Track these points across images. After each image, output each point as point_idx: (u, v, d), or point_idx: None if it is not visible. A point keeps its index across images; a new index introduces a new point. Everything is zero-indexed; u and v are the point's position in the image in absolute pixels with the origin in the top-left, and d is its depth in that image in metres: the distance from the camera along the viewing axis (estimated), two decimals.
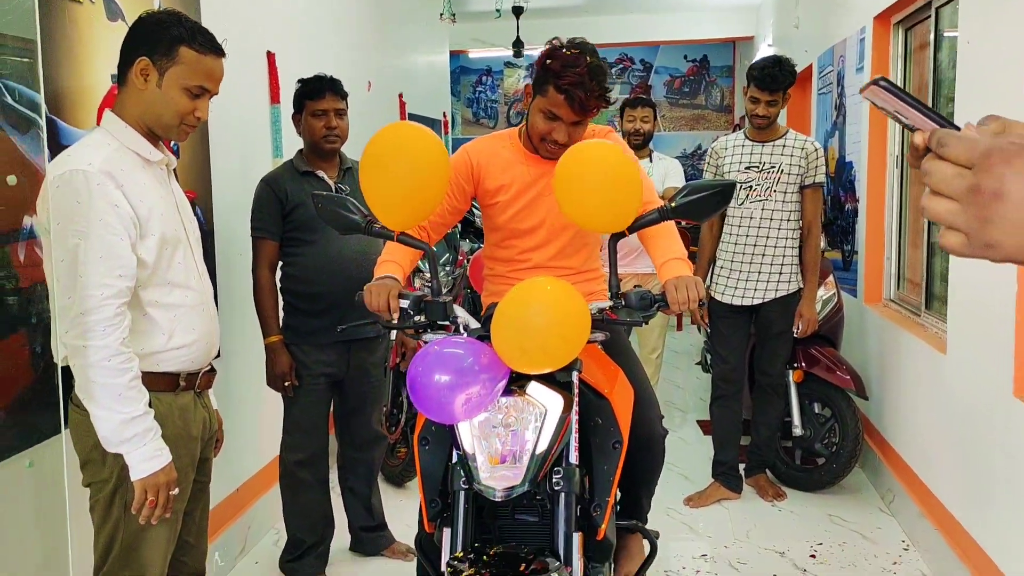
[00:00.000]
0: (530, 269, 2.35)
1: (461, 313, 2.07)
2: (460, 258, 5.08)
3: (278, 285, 2.95)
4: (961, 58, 2.88)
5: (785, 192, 3.52)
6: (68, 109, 2.20)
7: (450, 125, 7.46)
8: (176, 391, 1.92)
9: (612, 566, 2.30)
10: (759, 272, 3.55)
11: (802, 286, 3.56)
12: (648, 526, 2.44)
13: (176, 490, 1.85)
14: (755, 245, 3.54)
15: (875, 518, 3.50)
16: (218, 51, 1.96)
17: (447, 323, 2.05)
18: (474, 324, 2.07)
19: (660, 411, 2.46)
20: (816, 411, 3.80)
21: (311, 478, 3.00)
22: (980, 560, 2.62)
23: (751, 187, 3.55)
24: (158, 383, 1.87)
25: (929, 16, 3.50)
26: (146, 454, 1.79)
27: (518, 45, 8.52)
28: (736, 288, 3.58)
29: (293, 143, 3.53)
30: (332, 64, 4.02)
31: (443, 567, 1.95)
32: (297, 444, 2.97)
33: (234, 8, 3.16)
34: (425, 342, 2.03)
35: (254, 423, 3.38)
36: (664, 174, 4.28)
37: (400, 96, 5.64)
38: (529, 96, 2.29)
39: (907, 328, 3.52)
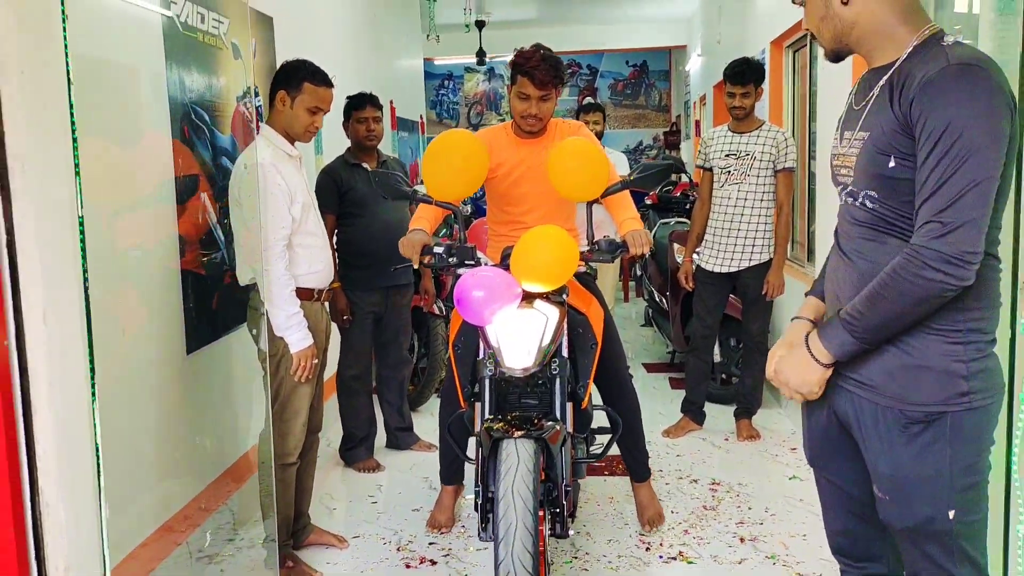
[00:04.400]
0: (524, 229, 2.82)
1: (481, 255, 2.84)
2: (455, 233, 6.18)
3: (334, 247, 4.01)
4: (820, 75, 4.09)
5: (758, 176, 4.08)
6: (216, 120, 3.27)
7: (424, 127, 8.53)
8: (312, 301, 3.00)
9: (588, 440, 3.05)
10: (734, 244, 4.15)
11: (773, 256, 4.16)
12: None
13: (316, 360, 2.93)
14: (731, 221, 4.14)
15: (774, 417, 4.70)
16: (329, 84, 3.04)
17: (473, 262, 2.77)
18: (492, 263, 2.87)
19: (625, 361, 3.34)
20: (732, 344, 4.98)
21: (361, 388, 4.08)
22: None
23: (729, 172, 4.15)
24: (303, 295, 2.93)
25: (806, 44, 4.72)
26: (299, 337, 2.87)
27: (481, 54, 9.64)
28: (715, 257, 4.22)
29: (331, 142, 4.60)
30: (350, 79, 5.10)
31: (477, 428, 2.68)
32: (351, 363, 4.05)
33: (299, 41, 4.22)
34: (459, 275, 2.69)
35: None
36: (614, 164, 5.42)
37: (391, 102, 6.71)
38: (511, 92, 3.01)
39: (796, 277, 4.72)
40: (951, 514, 1.56)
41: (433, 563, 3.09)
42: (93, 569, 1.82)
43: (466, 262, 2.77)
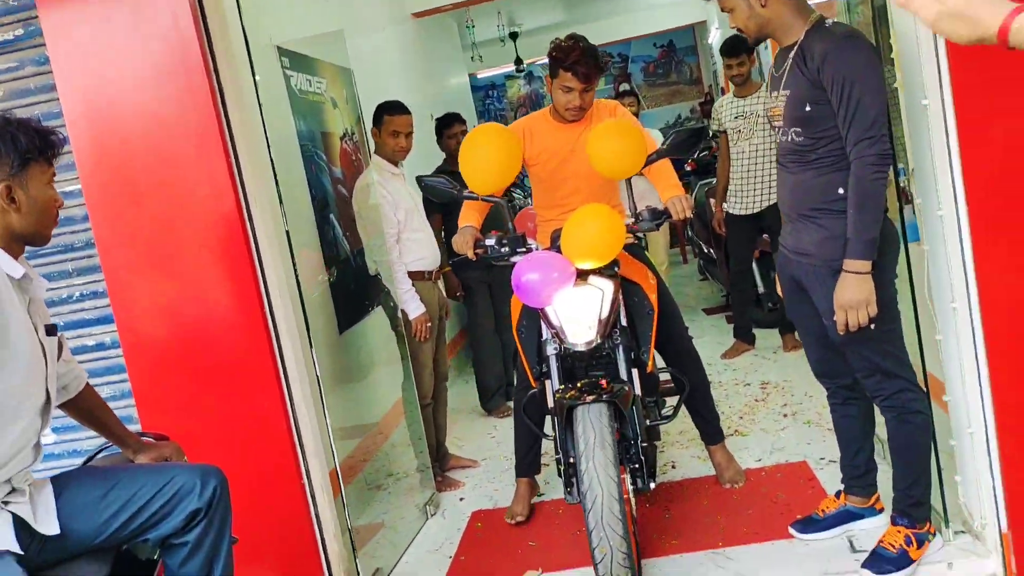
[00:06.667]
0: (571, 211, 2.89)
1: (531, 242, 2.97)
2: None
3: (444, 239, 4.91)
4: None
5: (764, 130, 4.73)
6: (330, 157, 4.25)
7: None
8: (422, 280, 3.94)
9: (659, 403, 3.22)
10: (753, 189, 4.88)
11: None
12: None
13: (429, 323, 3.86)
14: (748, 171, 4.90)
15: None
16: (403, 111, 3.97)
17: (524, 249, 2.86)
18: (542, 248, 2.99)
19: (684, 324, 3.40)
20: (771, 276, 5.75)
21: (488, 346, 4.94)
22: None
23: (739, 131, 4.91)
24: (415, 276, 3.87)
25: None
26: (414, 306, 3.80)
27: (519, 62, 10.56)
28: (740, 203, 4.99)
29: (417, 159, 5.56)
30: (416, 106, 6.06)
31: (551, 402, 2.86)
32: (476, 326, 4.93)
33: (373, 84, 5.20)
34: (514, 262, 2.77)
35: None
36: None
37: None
38: (550, 83, 3.10)
39: None
40: (872, 325, 2.39)
41: (545, 465, 4.00)
42: (325, 453, 2.80)
43: (518, 250, 2.87)
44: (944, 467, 2.66)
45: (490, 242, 2.89)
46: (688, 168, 8.30)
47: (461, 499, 3.85)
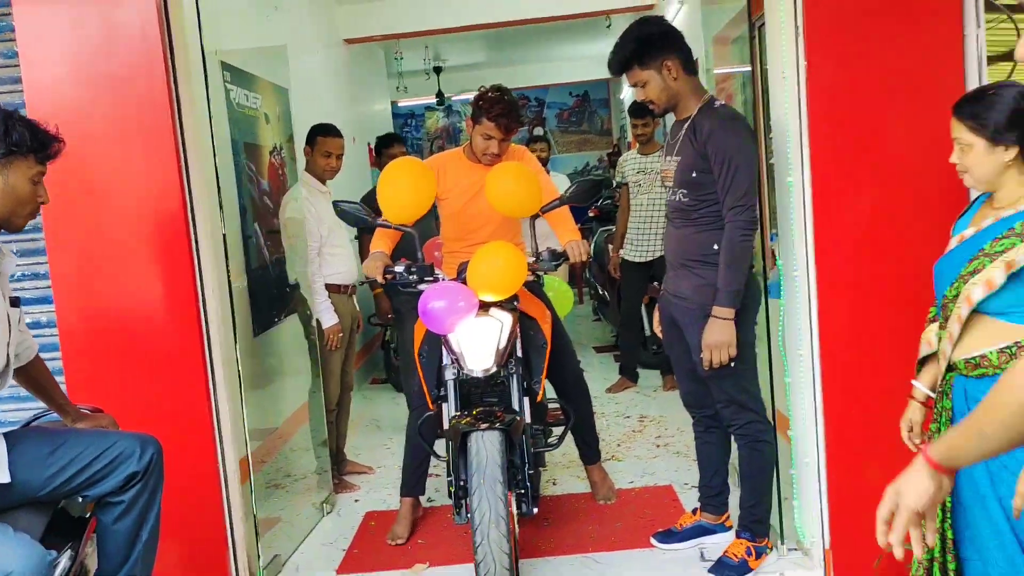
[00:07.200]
0: (477, 244, 3.11)
1: (438, 272, 3.10)
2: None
3: None
4: None
5: (662, 187, 5.37)
6: (259, 170, 4.47)
7: None
8: (339, 293, 4.21)
9: (546, 432, 3.45)
10: (648, 239, 5.33)
11: None
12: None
13: (341, 334, 4.12)
14: (644, 222, 5.37)
15: None
16: (336, 134, 4.27)
17: (432, 278, 3.02)
18: (448, 278, 3.08)
19: (576, 358, 3.71)
20: None
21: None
22: None
23: (640, 185, 5.38)
24: (332, 289, 4.14)
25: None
26: (328, 317, 4.07)
27: (440, 95, 10.93)
28: (635, 251, 5.43)
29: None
30: (343, 127, 6.33)
31: (446, 425, 2.99)
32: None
33: (306, 103, 5.45)
34: (421, 290, 2.95)
35: None
36: (557, 186, 6.67)
37: (369, 144, 7.94)
38: (471, 125, 3.28)
39: None
40: (732, 364, 2.80)
41: (436, 476, 4.28)
42: (239, 442, 3.03)
43: (426, 278, 3.03)
44: (784, 492, 3.09)
45: (399, 269, 3.03)
46: (591, 215, 8.81)
47: (356, 500, 4.10)
